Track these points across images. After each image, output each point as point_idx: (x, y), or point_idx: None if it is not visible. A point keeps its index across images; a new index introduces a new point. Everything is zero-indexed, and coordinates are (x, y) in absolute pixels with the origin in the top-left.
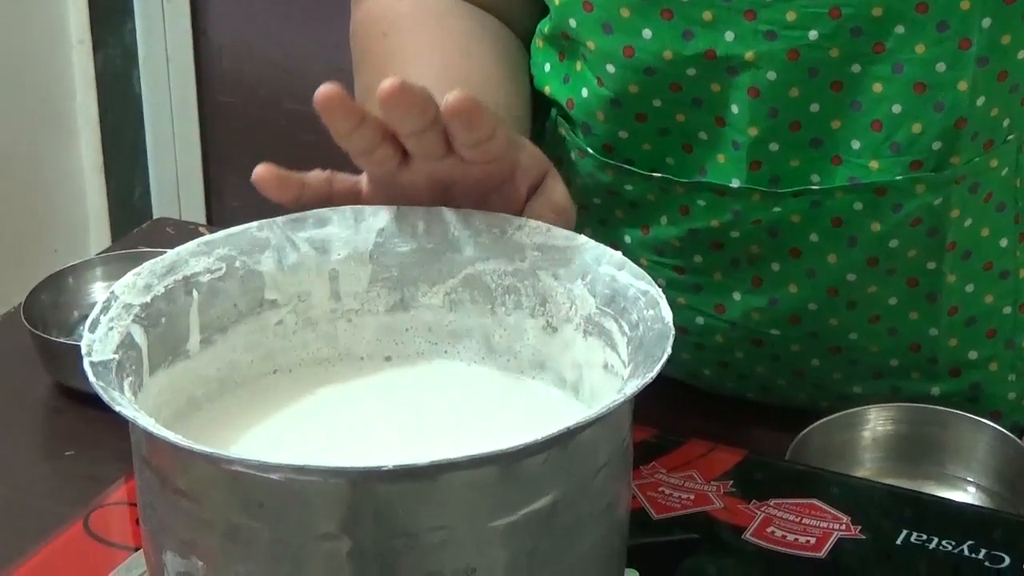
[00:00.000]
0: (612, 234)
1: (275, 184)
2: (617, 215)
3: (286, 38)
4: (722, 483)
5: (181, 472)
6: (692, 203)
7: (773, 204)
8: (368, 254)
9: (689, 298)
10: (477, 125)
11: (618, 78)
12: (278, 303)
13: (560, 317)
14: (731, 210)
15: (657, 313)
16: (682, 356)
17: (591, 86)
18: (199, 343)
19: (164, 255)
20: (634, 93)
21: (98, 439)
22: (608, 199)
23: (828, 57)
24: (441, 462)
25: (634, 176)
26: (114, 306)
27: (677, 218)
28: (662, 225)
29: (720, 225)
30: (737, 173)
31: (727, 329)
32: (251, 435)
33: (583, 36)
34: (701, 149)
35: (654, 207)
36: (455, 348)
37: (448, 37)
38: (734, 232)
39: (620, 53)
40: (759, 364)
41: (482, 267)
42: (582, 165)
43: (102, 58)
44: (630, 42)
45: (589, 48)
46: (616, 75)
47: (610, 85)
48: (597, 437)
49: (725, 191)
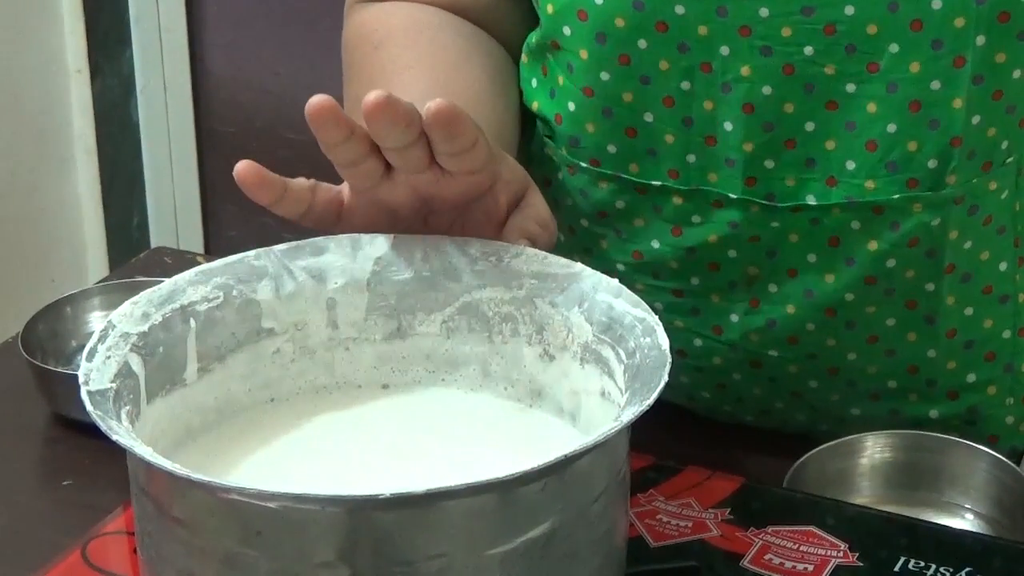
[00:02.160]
0: (602, 262)
1: (257, 183)
2: (603, 245)
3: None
4: (720, 510)
5: (178, 501)
6: (686, 219)
7: (771, 219)
8: (365, 282)
9: (687, 321)
10: (459, 133)
11: (612, 85)
12: (275, 332)
13: (557, 345)
14: (728, 223)
15: (654, 341)
16: (680, 379)
17: (578, 98)
18: (196, 372)
19: (161, 284)
20: (627, 103)
21: (96, 468)
22: (597, 223)
23: (823, 74)
24: (439, 490)
25: (629, 189)
26: (111, 335)
27: (670, 239)
28: (654, 248)
29: (717, 241)
30: (731, 191)
31: (725, 351)
32: (248, 464)
33: (575, 45)
34: (690, 171)
35: (644, 230)
36: (452, 376)
37: (439, 52)
38: (731, 251)
39: (615, 61)
40: (757, 386)
41: (479, 295)
42: (572, 183)
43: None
44: (625, 51)
45: (581, 57)
46: (610, 83)
47: (602, 93)
48: (594, 465)
49: (723, 201)
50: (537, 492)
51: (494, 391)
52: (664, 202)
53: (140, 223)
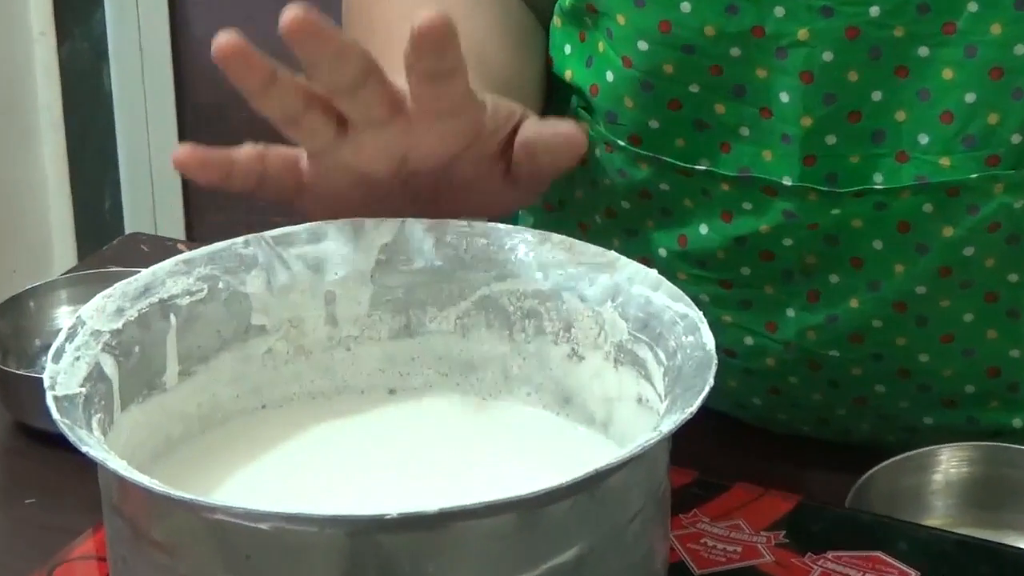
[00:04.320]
0: (644, 246)
1: (198, 165)
2: (648, 224)
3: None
4: (773, 533)
5: (157, 522)
6: (737, 206)
7: (831, 206)
8: (369, 273)
9: (736, 316)
10: (446, 48)
11: (651, 57)
12: (267, 329)
13: (587, 344)
14: (783, 212)
15: (698, 339)
16: (728, 383)
17: (617, 68)
18: (177, 375)
19: (138, 275)
20: (668, 75)
21: (62, 485)
22: (639, 204)
23: (892, 37)
24: (452, 509)
25: (671, 171)
26: (81, 333)
27: (719, 225)
28: (702, 234)
29: (770, 231)
30: (788, 171)
31: (779, 350)
32: (236, 479)
33: (612, 9)
34: (743, 146)
35: (692, 213)
36: (468, 380)
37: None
38: (787, 239)
39: (655, 28)
40: (816, 391)
41: (499, 287)
42: (609, 162)
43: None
44: (667, 16)
45: (618, 23)
46: (649, 53)
47: (641, 65)
48: (630, 481)
49: (776, 189)
50: (565, 512)
51: (516, 397)
52: (711, 187)
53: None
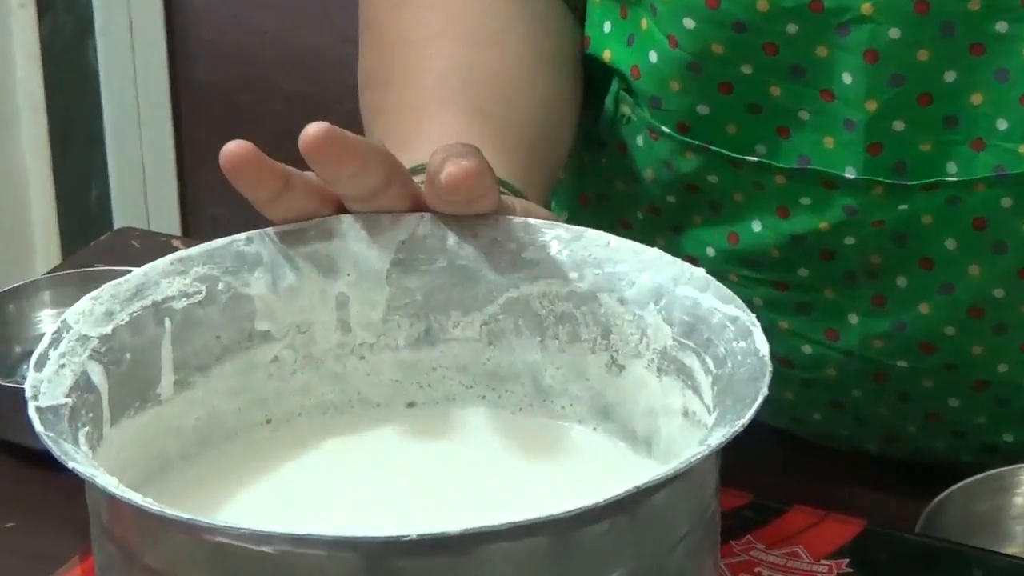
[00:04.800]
0: (691, 245)
1: (254, 169)
2: (696, 221)
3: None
4: (836, 562)
5: (151, 545)
6: (793, 202)
7: (899, 200)
8: (385, 274)
9: (793, 322)
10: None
11: (698, 36)
12: (272, 336)
13: (628, 352)
14: (844, 208)
15: (750, 345)
16: (785, 396)
17: (662, 48)
18: (173, 385)
19: (128, 275)
20: (718, 55)
21: (46, 506)
22: (685, 198)
23: (966, 11)
24: (477, 531)
25: (722, 162)
26: (66, 338)
27: (774, 222)
28: (755, 231)
29: (830, 228)
30: (852, 160)
31: (841, 360)
32: (239, 501)
33: None
34: (802, 132)
35: (743, 208)
36: (495, 392)
37: (473, 17)
38: (849, 238)
39: (702, 4)
40: (882, 405)
41: (529, 289)
42: (653, 152)
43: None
44: None
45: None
46: (696, 32)
47: (687, 45)
48: (674, 501)
49: (836, 182)
50: (602, 535)
51: (549, 410)
52: (765, 180)
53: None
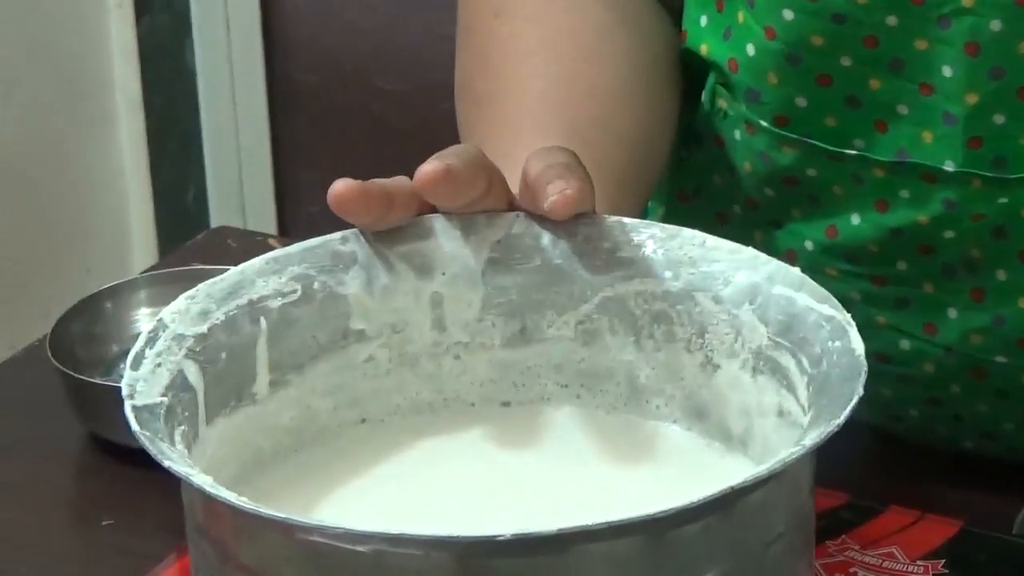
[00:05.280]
0: (789, 239)
1: (361, 202)
2: (794, 214)
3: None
4: (932, 563)
5: (246, 544)
6: (892, 195)
7: (998, 193)
8: (480, 273)
9: (891, 317)
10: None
11: (797, 27)
12: (367, 335)
13: (723, 351)
14: (943, 201)
15: (845, 344)
16: (882, 393)
17: (759, 41)
18: (268, 385)
19: (225, 274)
20: (817, 47)
21: (142, 504)
22: (783, 191)
23: None
24: (572, 531)
25: (820, 156)
26: (162, 337)
27: (872, 215)
28: (853, 225)
29: (929, 222)
30: (951, 154)
31: (940, 355)
32: (333, 499)
33: None
34: (900, 126)
35: (842, 201)
36: (590, 392)
37: (571, 32)
38: (948, 232)
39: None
40: (981, 402)
41: (624, 289)
42: (750, 146)
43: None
44: None
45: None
46: (794, 23)
47: (785, 37)
48: (769, 501)
49: (936, 176)
50: (697, 534)
51: (643, 410)
52: (864, 173)
53: (197, 196)
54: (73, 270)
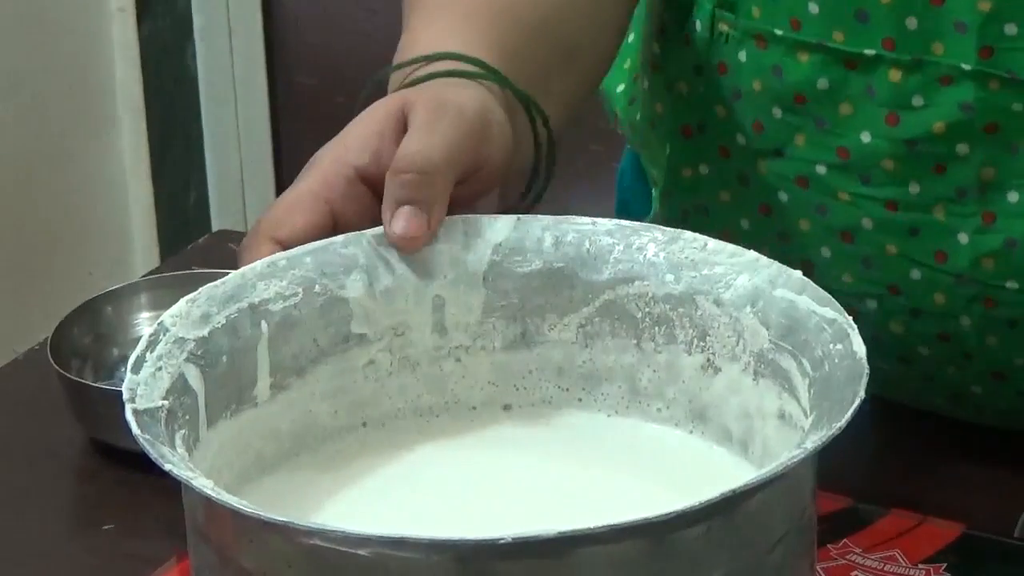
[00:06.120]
0: (798, 164)
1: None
2: (798, 142)
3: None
4: (933, 566)
5: (247, 548)
6: (905, 103)
7: (1013, 98)
8: (481, 276)
9: (902, 245)
10: None
11: None
12: (368, 338)
13: (724, 354)
14: (959, 105)
15: (847, 347)
16: (892, 329)
17: None
18: (269, 388)
19: (226, 278)
20: None
21: (143, 508)
22: (792, 112)
23: None
24: (574, 534)
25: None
26: (163, 341)
27: (884, 129)
28: (864, 143)
29: (945, 130)
30: (964, 62)
31: (950, 284)
32: (334, 503)
33: None
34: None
35: (852, 120)
36: (591, 394)
37: None
38: (962, 145)
39: None
40: (991, 333)
41: (625, 291)
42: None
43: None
44: None
45: None
46: None
47: None
48: (771, 504)
49: (953, 76)
50: (698, 538)
51: (644, 413)
52: (878, 79)
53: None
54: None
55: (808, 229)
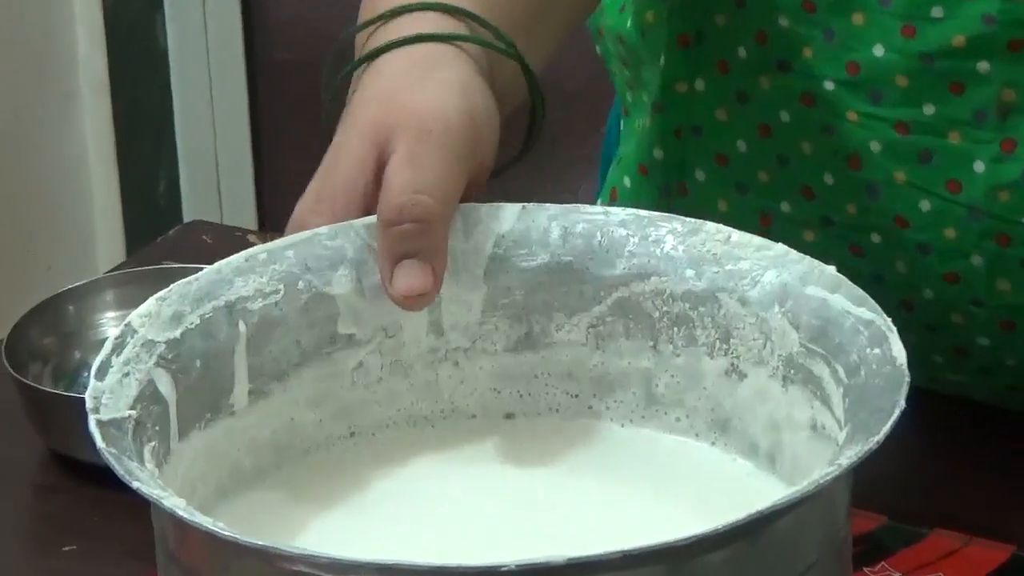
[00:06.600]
0: (805, 80)
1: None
2: (806, 55)
3: None
4: None
5: (223, 573)
6: (923, 13)
7: None
8: (482, 271)
9: (912, 173)
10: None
11: None
12: (356, 340)
13: (750, 358)
14: (982, 17)
15: (885, 352)
16: (897, 267)
17: None
18: (247, 395)
19: (199, 273)
20: None
21: (108, 528)
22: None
23: None
24: (583, 561)
25: None
26: (131, 343)
27: (898, 42)
28: (876, 57)
29: (964, 45)
30: None
31: (963, 217)
32: (319, 521)
33: None
34: None
35: (863, 32)
36: (603, 402)
37: None
38: (982, 63)
39: None
40: (1002, 274)
41: (640, 288)
42: None
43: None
44: None
45: None
46: None
47: None
48: (801, 526)
49: None
50: (721, 564)
51: (661, 422)
52: None
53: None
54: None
55: (810, 153)
